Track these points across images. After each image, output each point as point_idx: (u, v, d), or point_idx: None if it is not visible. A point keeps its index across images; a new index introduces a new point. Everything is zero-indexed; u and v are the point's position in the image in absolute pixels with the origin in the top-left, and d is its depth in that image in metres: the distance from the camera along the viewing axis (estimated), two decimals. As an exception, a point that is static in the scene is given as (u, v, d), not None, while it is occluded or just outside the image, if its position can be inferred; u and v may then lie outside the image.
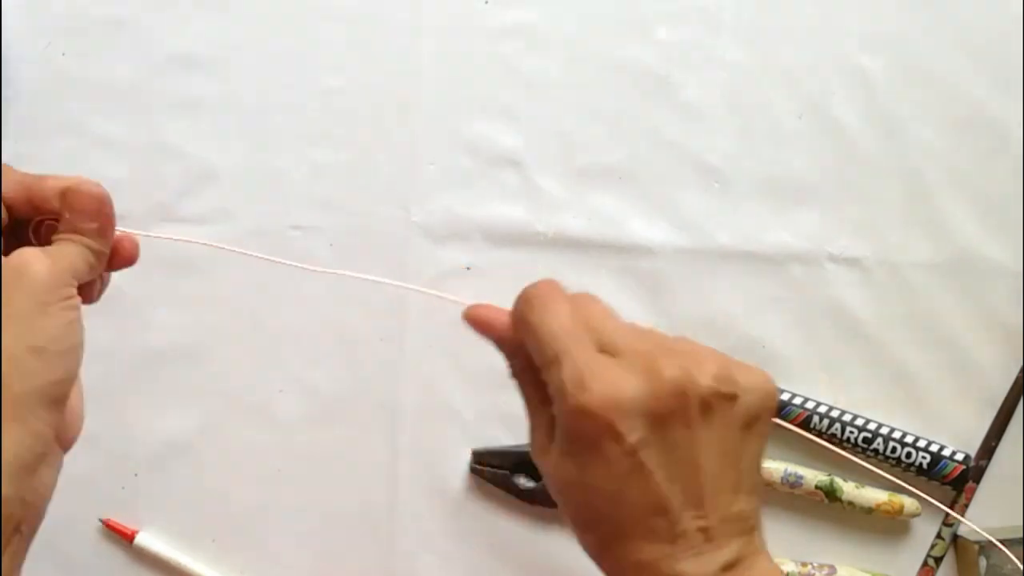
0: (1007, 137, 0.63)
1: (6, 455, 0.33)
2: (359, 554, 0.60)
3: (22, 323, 0.34)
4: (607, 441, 0.33)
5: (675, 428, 0.34)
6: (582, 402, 0.33)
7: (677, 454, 0.34)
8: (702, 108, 0.63)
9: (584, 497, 0.35)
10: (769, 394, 0.37)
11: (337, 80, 0.63)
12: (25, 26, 0.62)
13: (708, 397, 0.35)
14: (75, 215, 0.38)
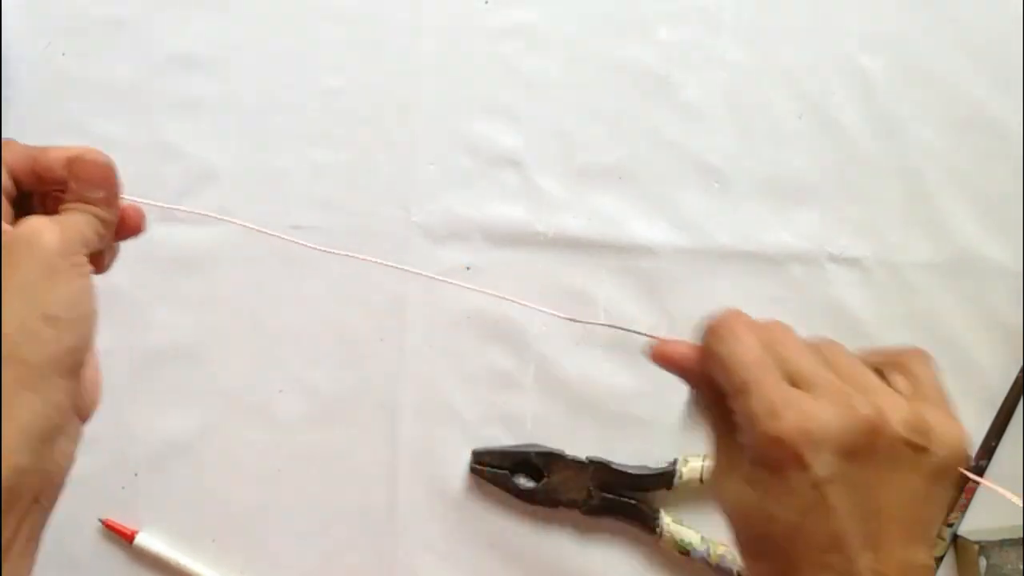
0: (1007, 137, 0.63)
1: (22, 424, 0.33)
2: (359, 554, 0.60)
3: (33, 291, 0.34)
4: (795, 471, 0.33)
5: (863, 467, 0.34)
6: (773, 429, 0.33)
7: (861, 494, 0.34)
8: (702, 108, 0.63)
9: (763, 527, 0.35)
10: (962, 451, 0.36)
11: (337, 80, 0.63)
12: (25, 26, 0.62)
13: (899, 442, 0.34)
14: (81, 184, 0.38)
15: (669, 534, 0.59)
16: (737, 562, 0.59)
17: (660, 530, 0.59)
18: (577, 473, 0.60)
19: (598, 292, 0.62)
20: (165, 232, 0.61)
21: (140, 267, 0.61)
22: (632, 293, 0.62)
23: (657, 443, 0.61)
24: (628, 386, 0.62)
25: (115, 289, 0.61)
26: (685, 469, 0.60)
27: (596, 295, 0.62)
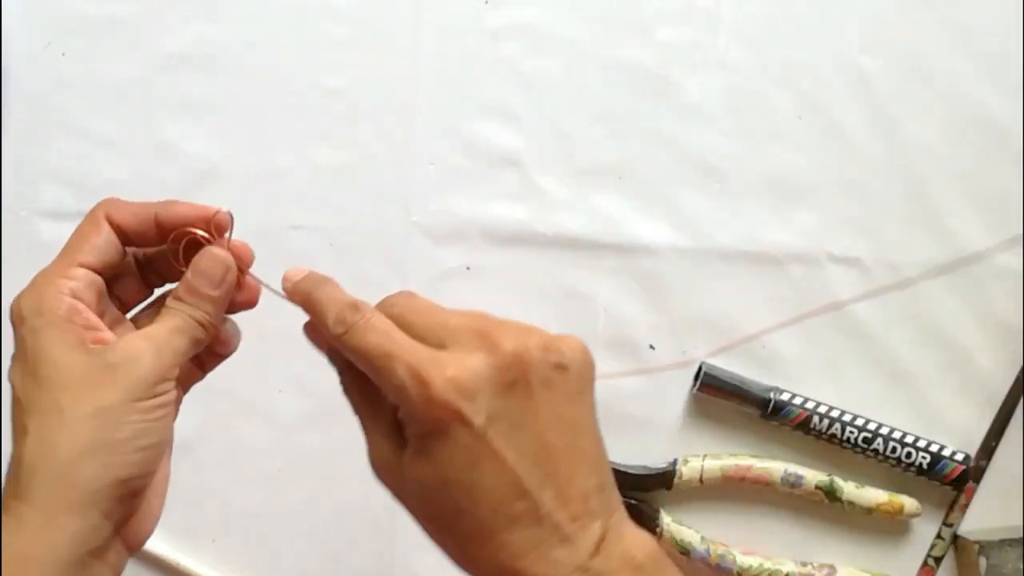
0: (1007, 137, 0.63)
1: (58, 545, 0.32)
2: (359, 554, 0.60)
3: (107, 418, 0.34)
4: (458, 427, 0.33)
5: (520, 401, 0.34)
6: (425, 394, 0.33)
7: (526, 432, 0.34)
8: (702, 108, 0.63)
9: (443, 496, 0.34)
10: (590, 361, 0.36)
11: (337, 80, 0.63)
12: (25, 26, 0.62)
13: (544, 366, 0.34)
14: (197, 278, 0.37)
15: (669, 534, 0.59)
16: (737, 562, 0.59)
17: (660, 530, 0.59)
18: (577, 473, 0.60)
19: (598, 292, 0.62)
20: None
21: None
22: (632, 293, 0.62)
23: (657, 443, 0.62)
24: (628, 386, 0.62)
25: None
26: (685, 469, 0.60)
27: (596, 295, 0.62)
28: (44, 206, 0.62)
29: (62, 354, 0.34)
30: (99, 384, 0.34)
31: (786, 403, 0.60)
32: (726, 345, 0.62)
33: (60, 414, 0.33)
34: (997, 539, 0.59)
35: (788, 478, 0.60)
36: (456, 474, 0.33)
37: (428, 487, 0.34)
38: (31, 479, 0.33)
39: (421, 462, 0.34)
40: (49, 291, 0.35)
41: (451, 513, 0.34)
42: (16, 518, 0.32)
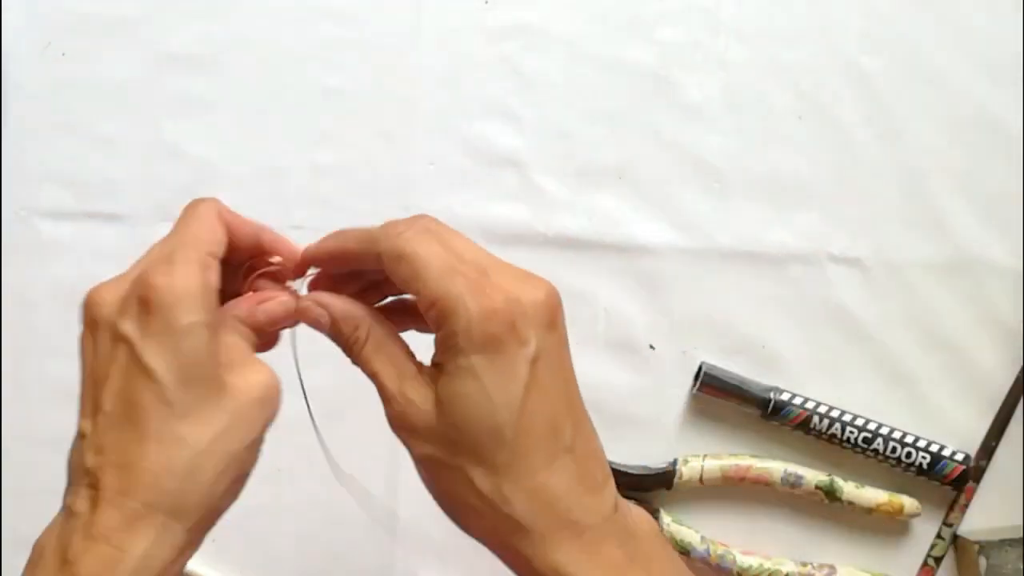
0: (1007, 137, 0.63)
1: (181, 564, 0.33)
2: (359, 554, 0.60)
3: (253, 450, 0.35)
4: (512, 346, 0.33)
5: (556, 344, 0.34)
6: (486, 307, 0.32)
7: (562, 370, 0.34)
8: (702, 108, 0.63)
9: (485, 419, 0.33)
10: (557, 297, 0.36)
11: (337, 80, 0.63)
12: (25, 26, 0.63)
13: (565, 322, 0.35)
14: (264, 316, 0.39)
15: (669, 534, 0.59)
16: (737, 562, 0.59)
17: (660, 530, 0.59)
18: (577, 473, 0.60)
19: (598, 292, 0.62)
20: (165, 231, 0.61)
21: (140, 267, 0.61)
22: (632, 293, 0.62)
23: (657, 443, 0.62)
24: (628, 386, 0.62)
25: (115, 289, 0.61)
26: (685, 469, 0.60)
27: (596, 295, 0.62)
28: (44, 206, 0.62)
29: (221, 374, 0.34)
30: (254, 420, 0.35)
31: (786, 403, 0.60)
32: (726, 345, 0.62)
33: (227, 442, 0.34)
34: (997, 539, 0.59)
35: (788, 478, 0.60)
36: (505, 395, 0.33)
37: (469, 412, 0.33)
38: (183, 497, 0.33)
39: (464, 382, 0.33)
40: (199, 281, 0.34)
41: (491, 439, 0.33)
42: (162, 530, 0.33)
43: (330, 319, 0.38)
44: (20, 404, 0.61)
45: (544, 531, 0.33)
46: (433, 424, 0.34)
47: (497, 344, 0.33)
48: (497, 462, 0.33)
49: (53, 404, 0.61)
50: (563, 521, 0.33)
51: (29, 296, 0.61)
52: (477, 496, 0.34)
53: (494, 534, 0.34)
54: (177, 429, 0.33)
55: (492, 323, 0.32)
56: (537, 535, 0.33)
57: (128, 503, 0.32)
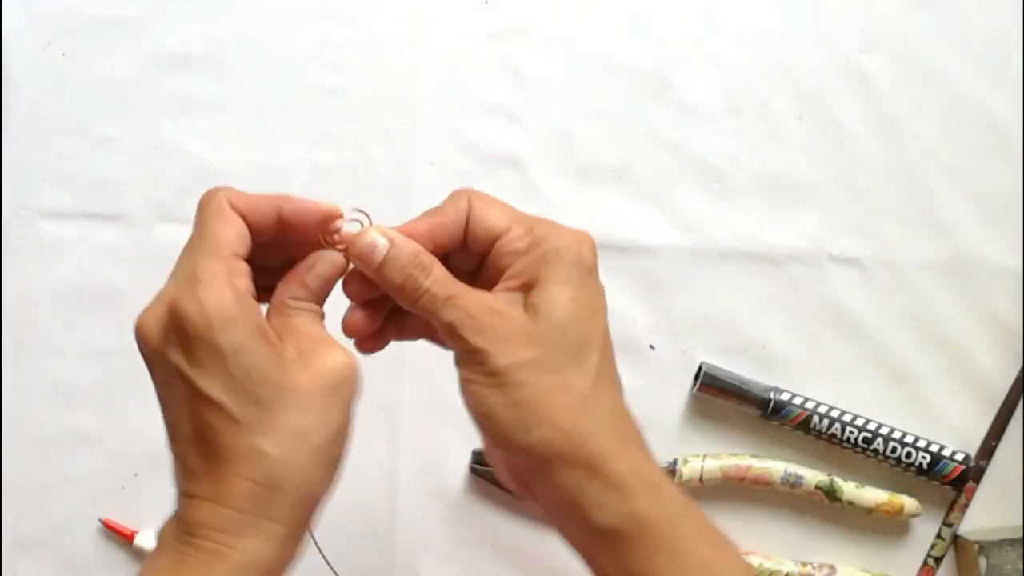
0: (1007, 137, 0.63)
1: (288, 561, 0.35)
2: (359, 554, 0.60)
3: (339, 439, 0.36)
4: (597, 276, 0.39)
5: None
6: (577, 232, 0.39)
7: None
8: (702, 108, 0.63)
9: (587, 319, 0.38)
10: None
11: (337, 80, 0.63)
12: (25, 26, 0.63)
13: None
14: (314, 279, 0.38)
15: (669, 534, 0.59)
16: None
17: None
18: (577, 473, 0.60)
19: (598, 292, 0.62)
20: (165, 232, 0.61)
21: (140, 267, 0.61)
22: (632, 293, 0.62)
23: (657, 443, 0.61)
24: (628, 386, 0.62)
25: (115, 289, 0.61)
26: (685, 469, 0.60)
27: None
28: (44, 206, 0.62)
29: (281, 375, 0.34)
30: (330, 407, 0.35)
31: (786, 403, 0.60)
32: (726, 345, 0.62)
33: (306, 439, 0.34)
34: (997, 539, 0.59)
35: (788, 478, 0.60)
36: (601, 310, 0.39)
37: (574, 314, 0.37)
38: (280, 499, 0.34)
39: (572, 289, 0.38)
40: (230, 297, 0.34)
41: (592, 344, 0.37)
42: (266, 536, 0.34)
43: (388, 247, 0.37)
44: (20, 404, 0.61)
45: (619, 437, 0.37)
46: (532, 329, 0.36)
47: (592, 269, 0.39)
48: (590, 366, 0.36)
49: (53, 404, 0.61)
50: (631, 434, 0.38)
51: (29, 296, 0.61)
52: (568, 395, 0.36)
53: (569, 437, 0.35)
54: (254, 443, 0.33)
55: (586, 250, 0.39)
56: (615, 440, 0.36)
57: (225, 512, 0.33)
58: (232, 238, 0.35)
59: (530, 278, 0.37)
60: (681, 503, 0.37)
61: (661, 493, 0.36)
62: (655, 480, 0.36)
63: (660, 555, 0.35)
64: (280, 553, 0.34)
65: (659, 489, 0.36)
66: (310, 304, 0.37)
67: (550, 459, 0.35)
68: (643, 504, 0.35)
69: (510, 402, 0.35)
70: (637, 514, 0.35)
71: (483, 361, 0.35)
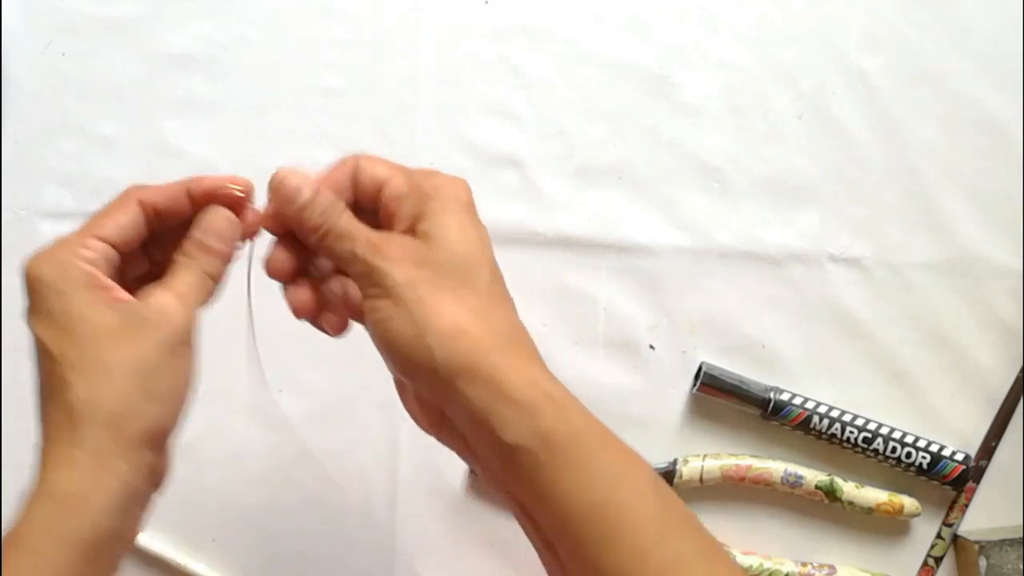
0: (1007, 137, 0.63)
1: (112, 490, 0.35)
2: (359, 554, 0.60)
3: (148, 369, 0.36)
4: (475, 212, 0.41)
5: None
6: (452, 176, 0.40)
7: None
8: (702, 108, 0.63)
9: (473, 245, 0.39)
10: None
11: (337, 80, 0.63)
12: (25, 26, 0.62)
13: None
14: (205, 234, 0.40)
15: (669, 534, 0.59)
16: (737, 562, 0.59)
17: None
18: (577, 473, 0.60)
19: (598, 292, 0.62)
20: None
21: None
22: (632, 293, 0.62)
23: (657, 443, 0.62)
24: (628, 386, 0.62)
25: (115, 289, 0.61)
26: (685, 469, 0.60)
27: (596, 295, 0.62)
28: (44, 206, 0.62)
29: (95, 313, 0.36)
30: (137, 338, 0.36)
31: (786, 403, 0.60)
32: (726, 345, 0.62)
33: (105, 367, 0.35)
34: (997, 539, 0.59)
35: (788, 478, 0.60)
36: (484, 238, 0.40)
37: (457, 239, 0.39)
38: (83, 427, 0.35)
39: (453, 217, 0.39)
40: (67, 256, 0.37)
41: (478, 268, 0.39)
42: (69, 462, 0.35)
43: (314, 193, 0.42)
44: (20, 404, 0.61)
45: (519, 352, 0.38)
46: (424, 250, 0.38)
47: (470, 206, 0.40)
48: (482, 286, 0.39)
49: (53, 404, 0.61)
50: (529, 350, 0.39)
51: (29, 296, 0.61)
52: (464, 310, 0.38)
53: (470, 351, 0.37)
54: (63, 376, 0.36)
55: (462, 190, 0.40)
56: (514, 355, 0.37)
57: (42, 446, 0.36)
58: (108, 224, 0.38)
59: (416, 215, 0.39)
60: (584, 417, 0.37)
61: (564, 407, 0.37)
62: (557, 395, 0.37)
63: (569, 470, 0.35)
64: (91, 480, 0.35)
65: (561, 403, 0.37)
66: (199, 260, 0.40)
67: (454, 376, 0.36)
68: (548, 420, 0.36)
69: (409, 320, 0.37)
70: (544, 430, 0.35)
71: (380, 282, 0.38)
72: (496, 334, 0.37)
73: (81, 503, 0.34)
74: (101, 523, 0.34)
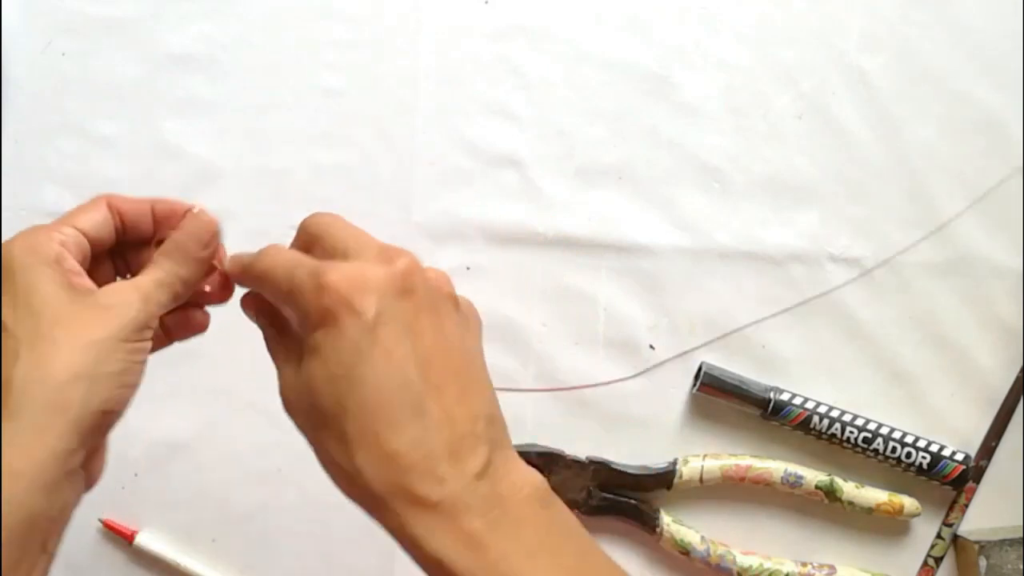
0: (1007, 137, 0.63)
1: (40, 461, 0.34)
2: (359, 554, 0.60)
3: (98, 351, 0.36)
4: (347, 317, 0.34)
5: (412, 308, 0.35)
6: (318, 283, 0.34)
7: (416, 338, 0.35)
8: (702, 108, 0.63)
9: (328, 393, 0.34)
10: (478, 314, 0.39)
11: (337, 80, 0.63)
12: (25, 26, 0.62)
13: (438, 293, 0.36)
14: (186, 238, 0.40)
15: (669, 534, 0.59)
16: (737, 562, 0.59)
17: (660, 530, 0.59)
18: (577, 473, 0.60)
19: (598, 292, 0.62)
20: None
21: (140, 267, 0.61)
22: (632, 293, 0.62)
23: (657, 443, 0.62)
24: (628, 386, 0.62)
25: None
26: (685, 469, 0.60)
27: (596, 295, 0.62)
28: (44, 206, 0.62)
29: (55, 291, 0.36)
30: (92, 321, 0.36)
31: (786, 403, 0.60)
32: (726, 345, 0.62)
33: (54, 343, 0.35)
34: (997, 539, 0.59)
35: (788, 478, 0.60)
36: (343, 369, 0.34)
37: (315, 387, 0.34)
38: (21, 400, 0.34)
39: (311, 361, 0.35)
40: (40, 237, 0.37)
41: (336, 412, 0.34)
42: (5, 435, 0.34)
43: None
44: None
45: (398, 502, 0.33)
46: (300, 399, 0.36)
47: (331, 317, 0.34)
48: (346, 433, 0.34)
49: (53, 404, 0.61)
50: (414, 492, 0.33)
51: (29, 296, 0.61)
52: (337, 467, 0.35)
53: (362, 503, 0.35)
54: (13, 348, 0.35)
55: (325, 298, 0.34)
56: (393, 506, 0.33)
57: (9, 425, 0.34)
58: (82, 216, 0.39)
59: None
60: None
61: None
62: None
63: None
64: (24, 456, 0.34)
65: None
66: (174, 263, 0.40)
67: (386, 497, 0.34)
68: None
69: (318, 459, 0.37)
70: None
71: None
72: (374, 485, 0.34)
73: (11, 479, 0.34)
74: (28, 502, 0.34)
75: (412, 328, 0.35)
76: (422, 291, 0.35)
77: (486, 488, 0.34)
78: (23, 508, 0.34)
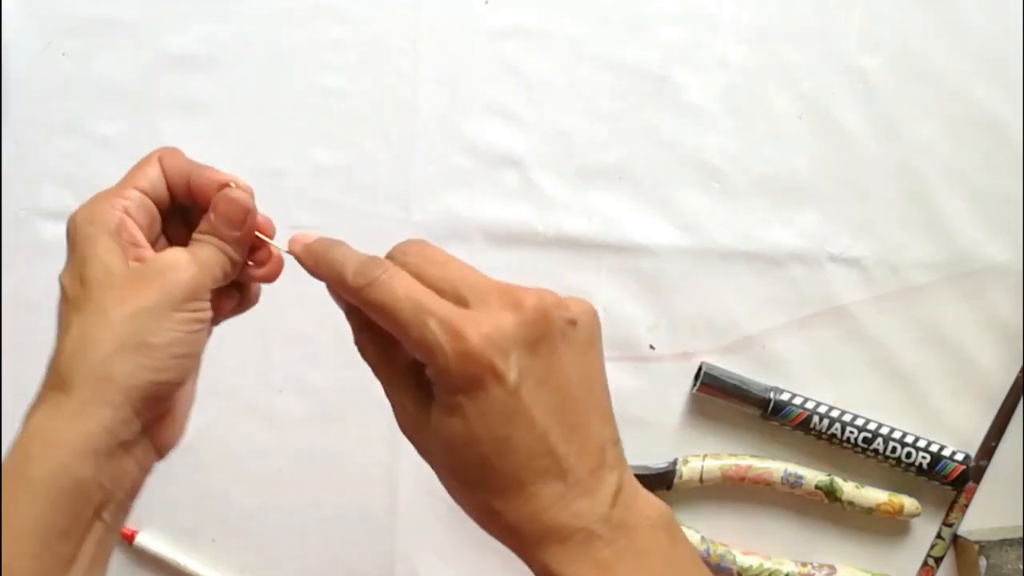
0: (1007, 137, 0.63)
1: (89, 434, 0.34)
2: (359, 554, 0.60)
3: (146, 320, 0.36)
4: (492, 383, 0.33)
5: (545, 358, 0.35)
6: (462, 349, 0.33)
7: (550, 387, 0.35)
8: (702, 108, 0.63)
9: (472, 452, 0.34)
10: (595, 314, 0.38)
11: (337, 80, 0.63)
12: (25, 26, 0.63)
13: (561, 321, 0.35)
14: (219, 219, 0.40)
15: (669, 534, 0.59)
16: (737, 562, 0.59)
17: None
18: (577, 473, 0.60)
19: (598, 292, 0.62)
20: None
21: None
22: (632, 293, 0.62)
23: (657, 443, 0.62)
24: (628, 386, 0.62)
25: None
26: (685, 469, 0.60)
27: (596, 295, 0.62)
28: (44, 206, 0.62)
29: (111, 260, 0.36)
30: (141, 288, 0.36)
31: (786, 403, 0.60)
32: (726, 345, 0.62)
33: (103, 313, 0.35)
34: (997, 539, 0.59)
35: (788, 478, 0.60)
36: (487, 431, 0.34)
37: (457, 444, 0.34)
38: (70, 370, 0.35)
39: (451, 419, 0.34)
40: (103, 205, 0.38)
41: (479, 468, 0.34)
42: (53, 405, 0.35)
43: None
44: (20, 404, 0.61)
45: (535, 536, 0.35)
46: (433, 444, 0.36)
47: (477, 384, 0.33)
48: (487, 484, 0.35)
49: (53, 404, 0.61)
50: (550, 529, 0.34)
51: (29, 296, 0.61)
52: (474, 507, 0.36)
53: (497, 535, 0.36)
54: (69, 317, 0.36)
55: (469, 366, 0.33)
56: (529, 540, 0.35)
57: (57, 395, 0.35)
58: (141, 176, 0.40)
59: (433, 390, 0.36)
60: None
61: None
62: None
63: None
64: (68, 425, 0.34)
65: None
66: (209, 237, 0.39)
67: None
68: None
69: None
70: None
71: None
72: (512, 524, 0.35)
73: (55, 448, 0.34)
74: (74, 469, 0.34)
75: (546, 377, 0.35)
76: (552, 332, 0.35)
77: (616, 517, 0.35)
78: (69, 476, 0.34)
